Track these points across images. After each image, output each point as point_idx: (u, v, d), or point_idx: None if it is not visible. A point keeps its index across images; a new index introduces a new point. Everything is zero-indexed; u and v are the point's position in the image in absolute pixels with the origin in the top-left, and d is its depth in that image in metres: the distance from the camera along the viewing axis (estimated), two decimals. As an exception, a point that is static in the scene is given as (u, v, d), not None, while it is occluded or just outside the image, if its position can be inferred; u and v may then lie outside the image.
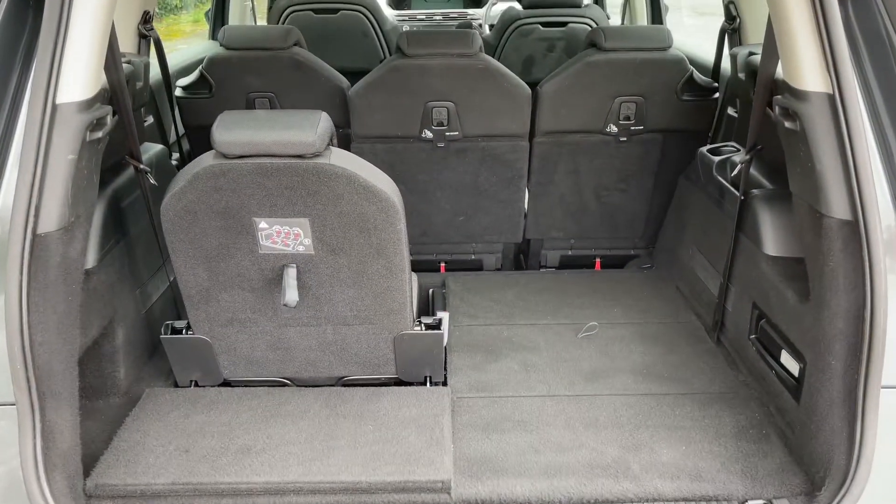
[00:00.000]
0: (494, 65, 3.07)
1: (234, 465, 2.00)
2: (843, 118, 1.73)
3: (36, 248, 1.70)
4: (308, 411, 2.24)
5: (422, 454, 2.03)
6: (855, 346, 1.80)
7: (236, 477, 1.96)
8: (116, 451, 2.06)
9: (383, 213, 2.06)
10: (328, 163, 1.98)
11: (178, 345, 2.35)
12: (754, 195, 2.46)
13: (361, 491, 1.94)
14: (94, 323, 2.19)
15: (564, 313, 2.97)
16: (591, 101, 3.18)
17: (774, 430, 2.19)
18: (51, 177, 1.71)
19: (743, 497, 1.94)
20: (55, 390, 1.78)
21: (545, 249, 3.63)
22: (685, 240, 3.18)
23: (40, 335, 1.72)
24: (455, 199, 3.37)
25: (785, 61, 1.92)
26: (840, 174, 1.76)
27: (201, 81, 3.34)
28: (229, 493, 1.94)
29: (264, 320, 2.28)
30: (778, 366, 2.28)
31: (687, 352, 2.66)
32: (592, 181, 3.39)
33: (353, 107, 3.14)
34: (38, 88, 1.68)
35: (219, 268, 2.16)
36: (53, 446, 1.78)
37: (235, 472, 1.97)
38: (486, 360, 2.63)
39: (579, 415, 2.29)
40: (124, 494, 1.93)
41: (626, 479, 1.99)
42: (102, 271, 2.22)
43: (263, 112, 2.16)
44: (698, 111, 3.25)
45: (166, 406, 2.27)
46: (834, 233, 1.79)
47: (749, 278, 2.49)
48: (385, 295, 2.23)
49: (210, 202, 2.03)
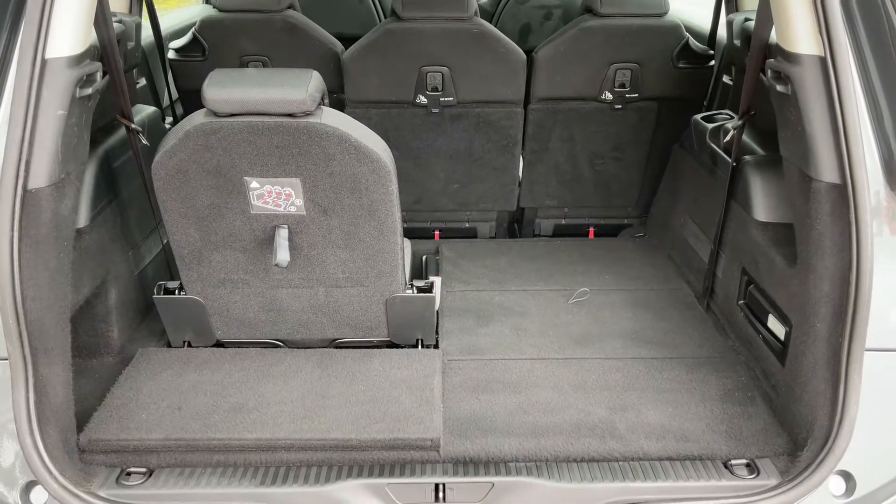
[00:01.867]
0: (490, 29, 3.05)
1: (226, 423, 2.02)
2: (834, 81, 1.73)
3: (27, 203, 1.71)
4: (300, 371, 2.26)
5: (412, 413, 2.06)
6: (840, 309, 1.82)
7: (228, 433, 1.98)
8: (109, 407, 2.09)
9: (375, 174, 2.06)
10: (319, 122, 1.97)
11: (170, 305, 2.36)
12: (746, 161, 2.47)
13: (352, 448, 1.96)
14: (87, 282, 2.20)
15: (556, 280, 2.99)
16: (586, 68, 3.17)
17: (760, 393, 2.22)
18: (41, 132, 1.71)
19: (726, 456, 1.98)
20: (47, 345, 1.79)
21: (539, 218, 3.64)
22: (678, 208, 3.19)
23: (32, 290, 1.73)
24: (449, 166, 3.37)
25: (778, 24, 1.91)
26: (829, 137, 1.77)
27: (194, 44, 3.31)
28: (221, 449, 1.97)
29: (256, 281, 2.29)
30: (765, 330, 2.30)
31: (676, 318, 2.68)
32: (587, 149, 3.39)
33: (347, 71, 3.13)
34: (28, 43, 1.67)
35: (210, 228, 2.16)
36: (46, 400, 1.80)
37: (227, 429, 2.00)
38: (478, 324, 2.66)
39: (568, 377, 2.31)
40: (117, 449, 1.96)
41: (613, 439, 2.02)
42: (94, 231, 2.22)
43: (255, 70, 2.15)
44: (694, 79, 3.24)
45: (159, 365, 2.29)
46: (822, 196, 1.80)
47: (739, 244, 2.51)
48: (377, 257, 2.24)
49: (201, 161, 2.03)
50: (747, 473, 1.93)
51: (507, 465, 1.97)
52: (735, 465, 1.95)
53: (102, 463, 1.96)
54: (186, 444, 1.97)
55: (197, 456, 1.97)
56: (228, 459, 1.97)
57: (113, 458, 1.97)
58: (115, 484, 1.90)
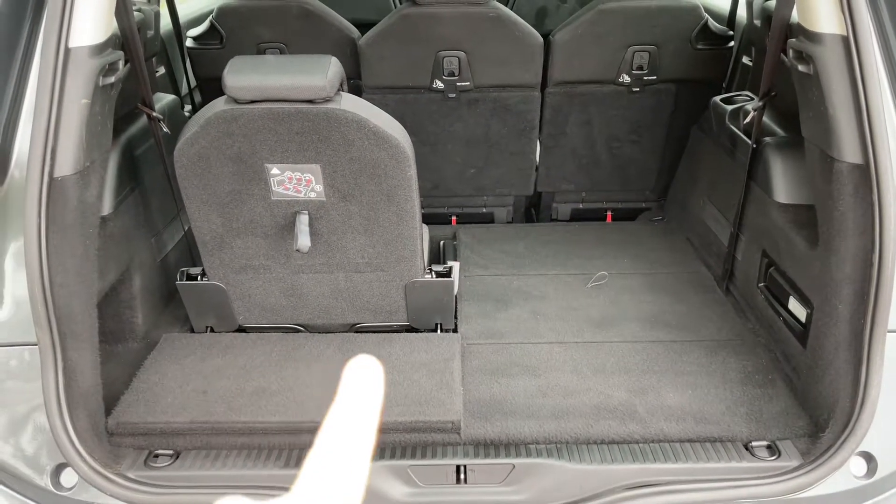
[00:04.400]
0: (506, 13, 3.04)
1: (250, 406, 2.06)
2: (857, 60, 1.71)
3: (53, 191, 1.74)
4: (321, 356, 2.28)
5: (433, 396, 2.08)
6: (862, 291, 1.81)
7: (252, 416, 2.01)
8: (136, 391, 2.13)
9: (394, 160, 2.07)
10: (339, 108, 1.98)
11: (193, 291, 2.39)
12: (766, 143, 2.45)
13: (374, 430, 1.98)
14: (112, 268, 2.23)
15: (574, 264, 2.99)
16: (603, 51, 3.14)
17: (780, 376, 2.22)
18: (65, 121, 1.73)
19: (747, 438, 1.98)
20: (75, 331, 1.83)
21: (556, 202, 3.63)
22: (697, 191, 3.17)
23: (60, 277, 1.77)
24: (466, 151, 3.37)
25: (800, 3, 1.89)
26: (852, 118, 1.75)
27: (212, 32, 3.33)
28: (245, 432, 2.00)
29: (277, 267, 2.32)
30: (785, 312, 2.30)
31: (695, 301, 2.68)
32: (604, 132, 3.37)
33: (364, 57, 3.13)
34: (51, 33, 1.70)
35: (232, 214, 2.19)
36: (75, 385, 1.84)
37: (251, 412, 2.03)
38: (496, 308, 2.67)
39: (587, 361, 2.32)
40: (144, 432, 2.00)
41: (633, 422, 2.03)
42: (118, 218, 2.26)
43: (274, 57, 2.16)
44: (713, 60, 3.21)
45: (183, 350, 2.32)
46: (845, 177, 1.79)
47: (759, 227, 2.49)
48: (396, 242, 2.26)
49: (222, 147, 2.05)
50: (768, 455, 1.93)
51: (528, 447, 1.99)
52: (756, 447, 1.95)
53: (130, 445, 2.00)
54: (212, 426, 2.00)
55: (222, 438, 2.01)
56: (252, 442, 2.01)
57: (140, 440, 2.01)
58: (143, 465, 1.94)
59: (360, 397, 0.54)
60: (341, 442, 0.52)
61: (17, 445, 1.87)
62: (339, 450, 0.51)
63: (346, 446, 0.51)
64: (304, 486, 0.50)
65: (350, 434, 0.52)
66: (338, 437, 0.51)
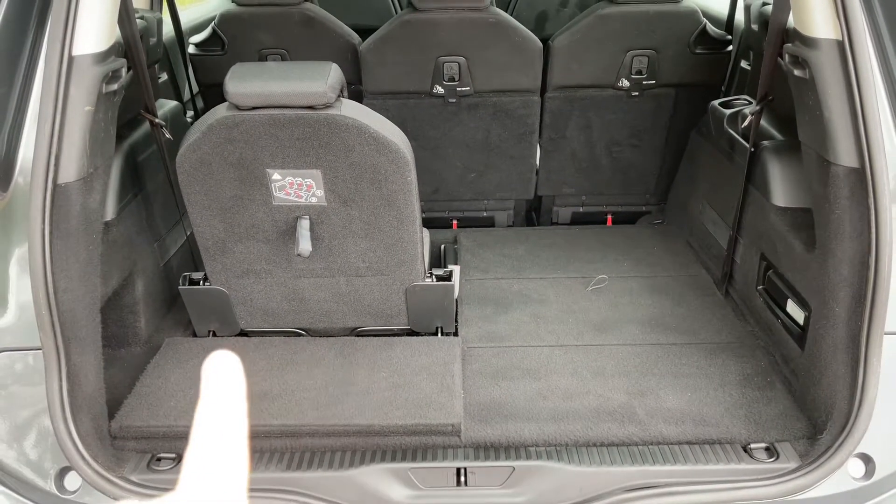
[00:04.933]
0: (505, 18, 3.06)
1: (252, 409, 2.07)
2: (853, 65, 1.73)
3: (57, 198, 1.76)
4: (323, 360, 2.30)
5: (433, 399, 2.09)
6: (859, 293, 1.82)
7: (254, 420, 2.03)
8: (139, 395, 2.14)
9: (394, 165, 2.08)
10: (339, 114, 2.00)
11: (195, 295, 2.41)
12: (764, 146, 2.46)
13: (375, 433, 2.00)
14: (115, 274, 2.25)
15: (574, 267, 3.01)
16: (602, 56, 3.16)
17: (779, 378, 2.23)
18: (69, 128, 1.75)
19: (746, 440, 1.99)
20: (79, 335, 1.85)
21: (557, 206, 3.65)
22: (696, 194, 3.19)
23: (63, 282, 1.79)
24: (467, 155, 3.39)
25: (796, 8, 1.91)
26: (848, 121, 1.77)
27: (214, 38, 3.35)
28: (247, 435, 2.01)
29: (279, 271, 2.33)
30: (784, 315, 2.31)
31: (695, 304, 2.69)
32: (604, 137, 3.39)
33: (365, 62, 3.15)
34: (55, 41, 1.71)
35: (234, 219, 2.20)
36: (79, 388, 1.86)
37: (253, 416, 2.04)
38: (497, 311, 2.68)
39: (587, 364, 2.33)
40: (147, 435, 2.01)
41: (632, 424, 2.04)
42: (121, 224, 2.28)
43: (275, 64, 2.18)
44: (711, 64, 3.22)
45: (186, 354, 2.34)
46: (841, 180, 1.81)
47: (757, 230, 2.51)
48: (396, 246, 2.27)
49: (224, 153, 2.07)
50: (767, 457, 1.94)
51: (528, 450, 2.00)
52: (754, 449, 1.96)
53: (133, 449, 2.02)
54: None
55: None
56: (255, 445, 2.02)
57: (143, 444, 2.02)
58: (146, 469, 1.95)
59: (224, 398, 0.53)
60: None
61: (22, 449, 1.89)
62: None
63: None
64: (186, 486, 0.51)
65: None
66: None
